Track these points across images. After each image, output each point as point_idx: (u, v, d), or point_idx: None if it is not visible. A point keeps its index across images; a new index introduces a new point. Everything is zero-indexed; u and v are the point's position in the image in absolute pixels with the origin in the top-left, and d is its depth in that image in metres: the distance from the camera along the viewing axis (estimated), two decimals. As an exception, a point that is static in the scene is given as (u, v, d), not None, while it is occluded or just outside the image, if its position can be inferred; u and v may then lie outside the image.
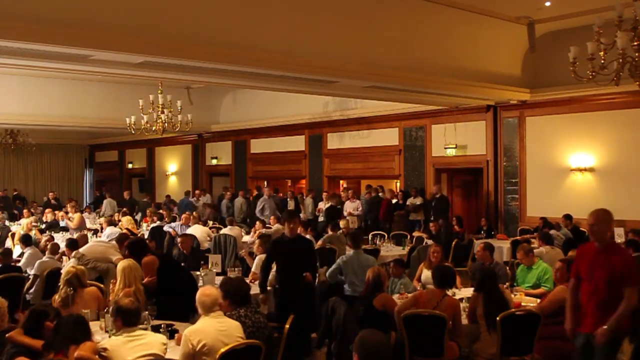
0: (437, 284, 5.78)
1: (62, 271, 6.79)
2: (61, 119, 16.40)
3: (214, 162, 20.36)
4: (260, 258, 8.02)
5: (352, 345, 3.24)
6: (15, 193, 21.50)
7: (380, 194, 14.65)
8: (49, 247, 8.70)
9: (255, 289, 7.18)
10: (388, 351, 3.17)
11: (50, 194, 20.31)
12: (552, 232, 10.18)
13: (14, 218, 16.09)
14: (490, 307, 5.46)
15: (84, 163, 26.42)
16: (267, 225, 12.81)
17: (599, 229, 4.61)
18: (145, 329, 4.87)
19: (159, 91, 12.75)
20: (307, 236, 10.33)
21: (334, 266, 7.73)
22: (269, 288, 7.31)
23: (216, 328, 4.37)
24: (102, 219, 13.62)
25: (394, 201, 14.24)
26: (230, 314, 4.75)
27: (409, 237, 11.77)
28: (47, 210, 15.31)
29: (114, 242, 8.69)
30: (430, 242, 10.29)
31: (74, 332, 4.15)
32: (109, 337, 4.62)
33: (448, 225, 11.67)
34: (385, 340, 3.39)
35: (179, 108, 13.09)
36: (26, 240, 9.27)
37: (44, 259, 8.31)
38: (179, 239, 9.38)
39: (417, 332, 5.36)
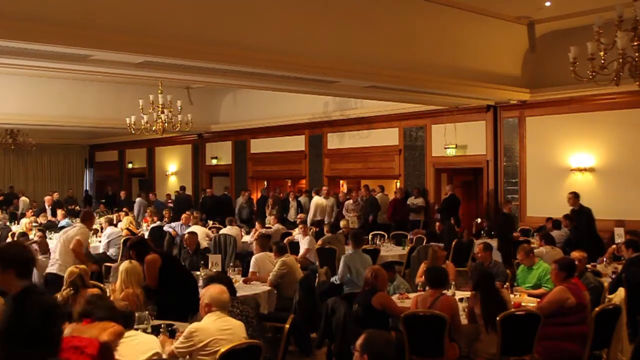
0: (431, 285, 5.78)
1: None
2: (61, 119, 16.41)
3: (214, 162, 20.37)
4: (256, 257, 8.00)
5: (352, 345, 3.23)
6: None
7: (378, 194, 14.69)
8: (38, 246, 8.68)
9: (255, 289, 7.18)
10: (394, 351, 3.17)
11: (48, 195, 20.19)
12: (555, 232, 10.18)
13: (14, 217, 16.12)
14: (487, 307, 5.46)
15: (84, 163, 26.43)
16: (267, 226, 12.82)
17: None
18: (145, 329, 4.89)
19: (159, 91, 12.76)
20: (307, 237, 10.39)
21: (341, 267, 7.77)
22: (269, 288, 7.32)
23: (220, 327, 4.38)
24: (102, 219, 13.61)
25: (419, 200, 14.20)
26: None
27: (409, 237, 11.77)
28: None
29: None
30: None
31: (91, 306, 4.22)
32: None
33: (451, 225, 11.68)
34: (392, 339, 3.39)
35: (179, 108, 13.09)
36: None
37: (40, 258, 8.31)
38: (185, 237, 9.32)
39: (417, 332, 5.36)
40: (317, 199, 14.82)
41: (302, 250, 10.31)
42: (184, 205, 16.38)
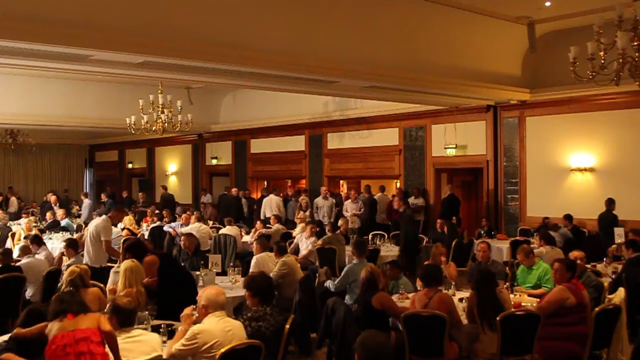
0: (424, 283, 5.78)
1: (63, 270, 6.82)
2: (61, 119, 16.39)
3: (214, 162, 20.37)
4: (257, 258, 7.99)
5: (353, 345, 3.23)
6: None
7: (378, 194, 14.68)
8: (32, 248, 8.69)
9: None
10: (390, 352, 3.16)
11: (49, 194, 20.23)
12: (552, 232, 10.17)
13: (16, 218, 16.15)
14: (484, 306, 5.46)
15: (84, 163, 26.43)
16: (267, 226, 12.82)
17: None
18: (145, 329, 4.88)
19: (159, 91, 12.75)
20: (312, 238, 10.36)
21: (341, 276, 7.40)
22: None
23: (222, 328, 4.39)
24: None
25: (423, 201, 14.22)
26: (256, 310, 4.89)
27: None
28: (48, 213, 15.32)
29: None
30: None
31: (66, 304, 4.24)
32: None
33: (452, 225, 11.67)
34: (387, 341, 3.39)
35: (179, 108, 13.08)
36: (38, 241, 9.03)
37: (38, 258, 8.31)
38: (182, 239, 9.27)
39: (417, 332, 5.36)
40: (270, 197, 15.30)
41: (303, 250, 10.30)
42: (169, 205, 16.58)
